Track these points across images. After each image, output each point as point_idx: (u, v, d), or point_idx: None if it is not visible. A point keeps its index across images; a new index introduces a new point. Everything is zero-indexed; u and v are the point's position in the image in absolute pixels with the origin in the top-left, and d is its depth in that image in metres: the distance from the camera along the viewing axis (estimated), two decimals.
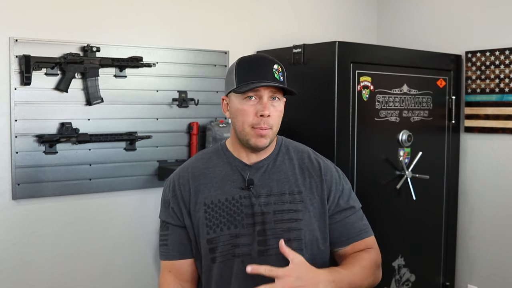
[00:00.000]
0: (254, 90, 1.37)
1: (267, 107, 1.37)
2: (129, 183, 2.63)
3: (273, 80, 1.38)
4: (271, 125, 1.39)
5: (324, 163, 1.53)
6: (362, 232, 1.51)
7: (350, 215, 1.50)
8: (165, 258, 1.50)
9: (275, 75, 1.39)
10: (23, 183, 2.36)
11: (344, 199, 1.50)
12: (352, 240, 1.49)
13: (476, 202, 3.02)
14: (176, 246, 1.48)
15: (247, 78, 1.38)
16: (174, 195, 1.49)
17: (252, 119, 1.38)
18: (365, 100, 2.57)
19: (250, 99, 1.38)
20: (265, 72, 1.38)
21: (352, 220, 1.50)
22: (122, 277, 2.65)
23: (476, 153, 3.01)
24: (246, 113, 1.38)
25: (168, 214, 1.50)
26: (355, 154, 2.54)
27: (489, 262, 2.97)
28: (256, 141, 1.39)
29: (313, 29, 3.22)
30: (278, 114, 1.41)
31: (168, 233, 1.49)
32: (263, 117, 1.36)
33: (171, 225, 1.49)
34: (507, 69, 2.82)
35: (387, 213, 2.71)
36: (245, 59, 1.45)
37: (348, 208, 1.50)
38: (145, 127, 2.65)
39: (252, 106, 1.38)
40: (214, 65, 2.85)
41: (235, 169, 1.47)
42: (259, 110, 1.37)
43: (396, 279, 2.78)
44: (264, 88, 1.37)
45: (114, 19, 2.57)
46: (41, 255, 2.44)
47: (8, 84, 2.31)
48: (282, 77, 1.41)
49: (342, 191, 1.51)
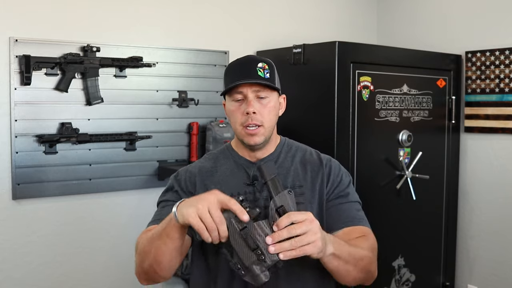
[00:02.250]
0: (238, 90, 1.41)
1: (251, 104, 1.40)
2: (129, 183, 2.63)
3: (256, 78, 1.41)
4: (260, 122, 1.42)
5: (325, 157, 1.56)
6: (356, 220, 1.48)
7: (345, 203, 1.49)
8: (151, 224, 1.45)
9: (259, 73, 1.42)
10: (23, 183, 2.36)
11: (340, 188, 1.50)
12: (344, 225, 1.45)
13: (476, 202, 3.02)
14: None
15: (233, 79, 1.42)
16: (180, 185, 1.51)
17: (241, 118, 1.42)
18: (365, 100, 2.57)
19: (237, 100, 1.43)
20: (247, 71, 1.42)
21: (347, 207, 1.49)
22: (122, 277, 2.65)
23: (476, 153, 3.01)
24: (235, 113, 1.44)
25: (170, 195, 1.50)
26: (355, 154, 2.54)
27: (489, 262, 2.97)
28: (249, 140, 1.43)
29: (313, 29, 3.22)
30: (268, 110, 1.43)
31: (165, 206, 1.47)
32: (249, 114, 1.40)
33: (171, 201, 1.45)
34: (507, 69, 2.82)
35: (387, 213, 2.71)
36: (233, 62, 1.50)
37: (344, 195, 1.50)
38: (145, 127, 2.65)
39: (239, 106, 1.43)
40: (214, 65, 2.85)
41: (240, 166, 1.50)
42: (244, 109, 1.41)
43: (396, 279, 2.78)
44: (248, 86, 1.41)
45: (114, 19, 2.57)
46: (41, 255, 2.44)
47: (8, 84, 2.31)
48: (268, 74, 1.43)
49: (340, 182, 1.51)
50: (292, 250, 1.15)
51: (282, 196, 1.20)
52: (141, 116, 2.64)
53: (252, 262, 1.15)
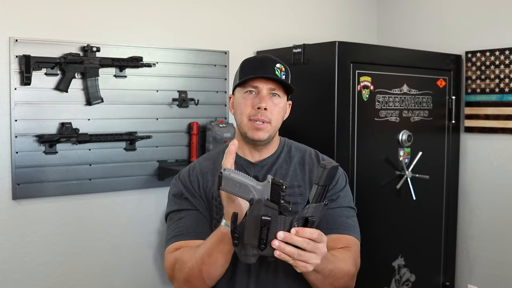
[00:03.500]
0: (253, 84, 1.41)
1: (265, 100, 1.40)
2: (129, 183, 2.63)
3: (274, 76, 1.41)
4: (269, 119, 1.41)
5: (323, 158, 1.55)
6: (342, 228, 1.44)
7: (334, 208, 1.46)
8: (175, 240, 1.41)
9: (277, 72, 1.41)
10: (23, 183, 2.36)
11: (333, 191, 1.47)
12: (330, 231, 1.39)
13: (476, 202, 3.02)
14: (191, 227, 1.42)
15: (250, 72, 1.42)
16: (187, 188, 1.47)
17: (250, 111, 1.41)
18: (365, 100, 2.57)
19: (250, 93, 1.42)
20: (266, 69, 1.41)
21: (336, 214, 1.45)
22: (122, 277, 2.66)
23: (476, 153, 3.01)
24: (245, 105, 1.42)
25: (181, 203, 1.46)
26: (355, 154, 2.54)
27: (489, 262, 2.97)
28: (253, 134, 1.42)
29: (313, 29, 3.22)
30: (278, 110, 1.43)
31: (181, 218, 1.44)
32: (260, 109, 1.40)
33: (183, 211, 1.45)
34: (507, 69, 2.82)
35: (387, 213, 2.71)
36: (250, 58, 1.50)
37: (334, 199, 1.47)
38: (145, 127, 2.65)
39: (251, 99, 1.42)
40: (214, 65, 2.85)
41: (241, 167, 1.48)
42: (256, 103, 1.41)
43: (396, 279, 2.78)
44: (264, 83, 1.41)
45: (114, 19, 2.57)
46: (41, 255, 2.44)
47: (8, 84, 2.31)
48: (284, 76, 1.43)
49: (335, 185, 1.49)
50: (290, 257, 1.13)
51: (318, 206, 1.16)
52: (141, 116, 2.64)
53: (251, 243, 1.14)
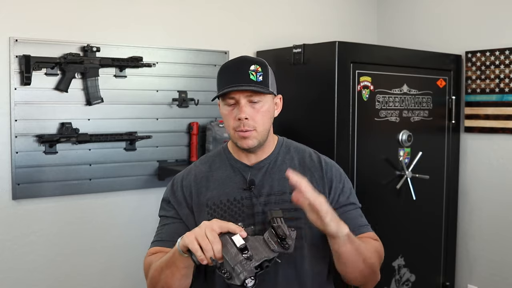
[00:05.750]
0: (230, 96, 1.39)
1: (243, 110, 1.38)
2: (129, 183, 2.63)
3: (249, 82, 1.38)
4: (252, 127, 1.40)
5: (325, 161, 1.54)
6: (362, 227, 1.49)
7: (351, 210, 1.49)
8: (155, 244, 1.48)
9: (251, 76, 1.38)
10: (23, 183, 2.36)
11: (344, 196, 1.50)
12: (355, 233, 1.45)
13: (476, 202, 3.02)
14: (171, 235, 1.46)
15: (225, 83, 1.40)
16: (175, 195, 1.50)
17: (233, 122, 1.41)
18: (365, 100, 2.57)
19: (230, 104, 1.41)
20: (240, 75, 1.39)
21: (353, 215, 1.49)
22: (122, 277, 2.65)
23: (476, 153, 3.01)
24: (228, 118, 1.42)
25: (167, 210, 1.51)
26: (355, 154, 2.54)
27: (489, 262, 2.97)
28: (242, 143, 1.42)
29: (313, 29, 3.22)
30: (261, 114, 1.41)
31: (165, 224, 1.50)
32: (241, 120, 1.38)
33: (169, 218, 1.50)
34: (507, 69, 2.82)
35: (387, 213, 2.71)
36: (225, 64, 1.47)
37: (349, 204, 1.50)
38: (145, 127, 2.65)
39: (231, 110, 1.41)
40: (214, 65, 2.85)
41: (237, 170, 1.48)
42: (236, 114, 1.39)
43: (396, 279, 2.78)
44: (240, 93, 1.38)
45: (114, 19, 2.57)
46: (41, 255, 2.44)
47: (8, 84, 2.31)
48: (261, 76, 1.40)
49: (343, 189, 1.50)
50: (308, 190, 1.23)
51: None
52: (141, 116, 2.64)
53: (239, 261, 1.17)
